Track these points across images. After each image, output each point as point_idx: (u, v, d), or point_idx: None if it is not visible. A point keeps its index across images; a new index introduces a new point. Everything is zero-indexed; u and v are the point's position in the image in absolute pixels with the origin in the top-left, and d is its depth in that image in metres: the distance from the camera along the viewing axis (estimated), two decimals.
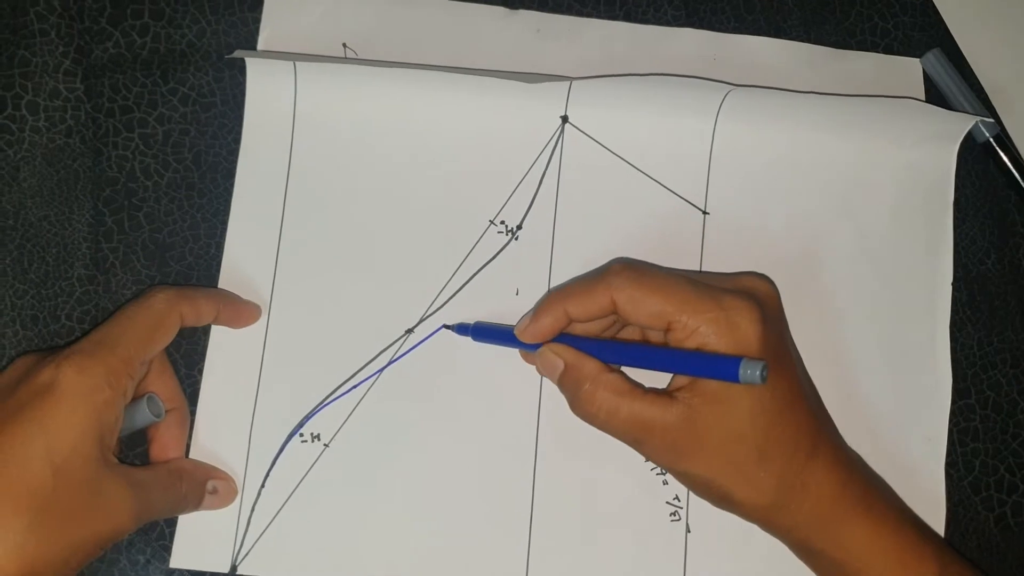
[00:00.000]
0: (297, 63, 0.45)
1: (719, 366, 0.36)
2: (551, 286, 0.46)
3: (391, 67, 0.45)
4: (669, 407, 0.38)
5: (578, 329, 0.41)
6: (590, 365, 0.39)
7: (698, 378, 0.38)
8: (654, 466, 0.44)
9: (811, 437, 0.39)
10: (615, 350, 0.40)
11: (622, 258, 0.45)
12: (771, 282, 0.41)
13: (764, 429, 0.38)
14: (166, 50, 0.47)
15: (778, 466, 0.38)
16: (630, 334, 0.43)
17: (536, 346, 0.41)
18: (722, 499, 0.39)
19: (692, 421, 0.38)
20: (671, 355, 0.38)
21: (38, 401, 0.36)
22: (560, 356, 0.40)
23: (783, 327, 0.41)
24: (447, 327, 0.45)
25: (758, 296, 0.39)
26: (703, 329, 0.37)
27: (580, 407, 0.39)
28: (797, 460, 0.38)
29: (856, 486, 0.40)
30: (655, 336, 0.41)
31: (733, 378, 0.35)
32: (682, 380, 0.39)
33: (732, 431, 0.37)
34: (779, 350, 0.39)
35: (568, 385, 0.40)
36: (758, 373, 0.34)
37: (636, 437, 0.39)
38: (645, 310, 0.38)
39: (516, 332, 0.42)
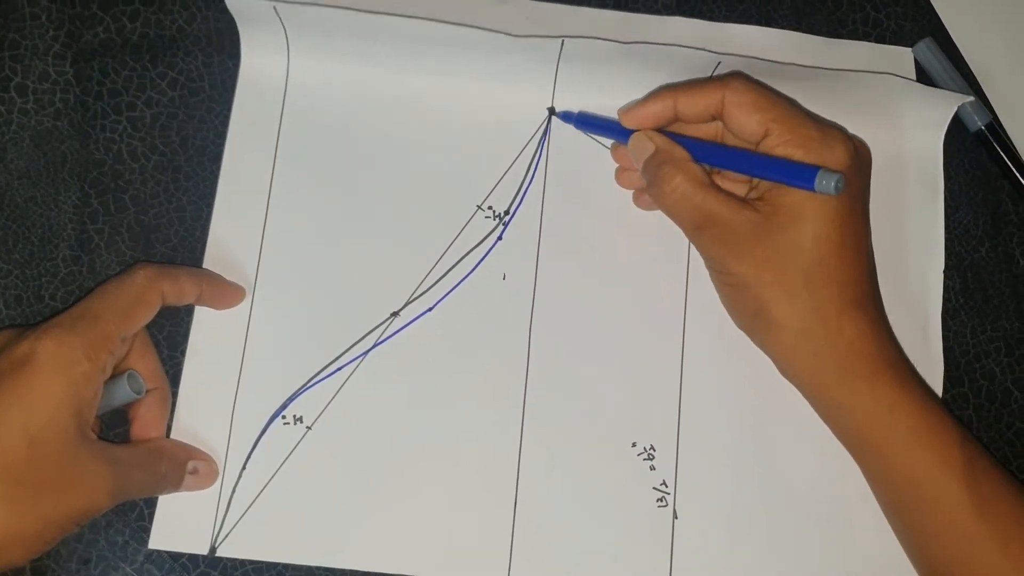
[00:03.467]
0: (287, 27, 0.45)
1: (798, 172, 0.38)
2: (538, 271, 0.45)
3: (384, 18, 0.44)
4: (740, 209, 0.40)
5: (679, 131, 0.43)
6: (679, 152, 0.41)
7: (774, 192, 0.39)
8: (641, 451, 0.43)
9: (860, 289, 0.40)
10: (705, 149, 0.42)
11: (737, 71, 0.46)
12: (869, 149, 0.43)
13: (820, 256, 0.39)
14: (155, 35, 0.47)
15: (821, 295, 0.39)
16: None
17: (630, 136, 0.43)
18: (756, 313, 0.40)
19: (756, 224, 0.39)
20: (756, 158, 0.40)
21: (15, 373, 0.35)
22: (652, 140, 0.42)
23: (867, 187, 0.43)
24: (553, 112, 0.47)
25: (857, 144, 0.41)
26: (796, 142, 0.39)
27: (657, 186, 0.41)
28: (840, 301, 0.39)
29: (890, 352, 0.41)
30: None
31: (809, 185, 0.36)
32: (760, 193, 0.40)
33: (791, 244, 0.39)
34: (859, 197, 0.41)
35: (652, 167, 0.41)
36: (833, 184, 0.35)
37: (698, 224, 0.40)
38: (750, 115, 0.40)
39: (619, 113, 0.44)
